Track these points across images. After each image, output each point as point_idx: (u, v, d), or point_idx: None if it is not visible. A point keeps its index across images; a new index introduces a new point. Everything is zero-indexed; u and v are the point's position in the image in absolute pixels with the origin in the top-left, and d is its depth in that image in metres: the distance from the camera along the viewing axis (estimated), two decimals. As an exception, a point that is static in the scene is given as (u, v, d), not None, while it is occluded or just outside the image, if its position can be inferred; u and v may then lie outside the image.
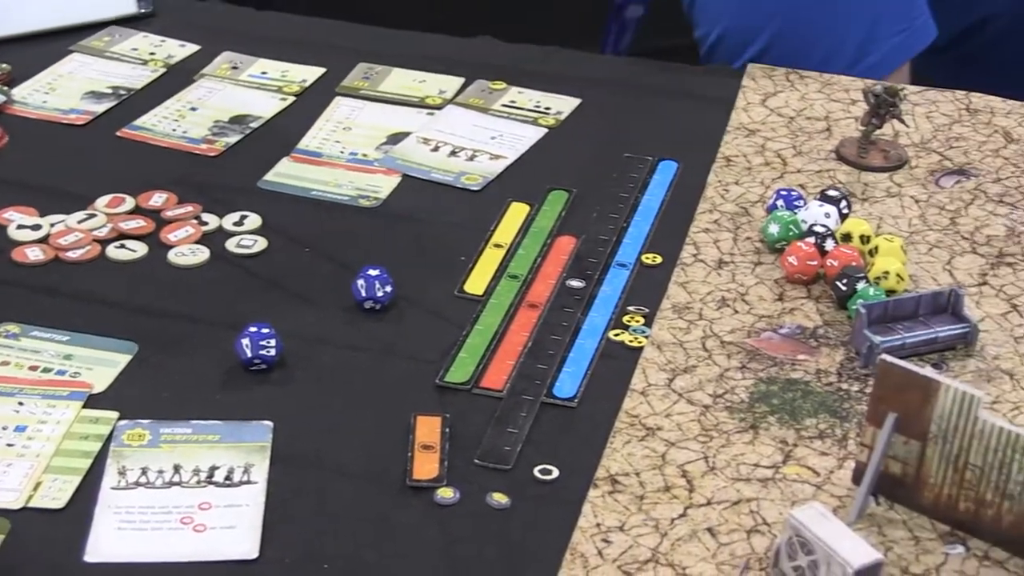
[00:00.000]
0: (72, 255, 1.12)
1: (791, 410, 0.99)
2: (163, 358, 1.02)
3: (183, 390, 1.00)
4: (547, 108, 1.35)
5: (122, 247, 1.13)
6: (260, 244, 1.14)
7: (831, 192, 1.17)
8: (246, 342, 1.01)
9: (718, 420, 0.98)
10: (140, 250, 1.13)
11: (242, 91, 1.35)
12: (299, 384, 1.01)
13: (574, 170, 1.25)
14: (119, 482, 0.92)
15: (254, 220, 1.17)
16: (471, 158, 1.27)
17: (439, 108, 1.34)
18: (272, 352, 1.01)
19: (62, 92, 1.34)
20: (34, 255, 1.12)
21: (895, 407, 0.88)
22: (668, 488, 0.92)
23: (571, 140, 1.30)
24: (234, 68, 1.39)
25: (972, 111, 1.35)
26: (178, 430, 0.96)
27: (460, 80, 1.38)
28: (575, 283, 1.11)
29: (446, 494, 0.91)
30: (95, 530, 0.88)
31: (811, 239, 1.12)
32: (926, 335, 1.04)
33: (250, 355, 1.01)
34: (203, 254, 1.13)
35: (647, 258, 1.14)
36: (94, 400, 0.98)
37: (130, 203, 1.18)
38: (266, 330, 1.01)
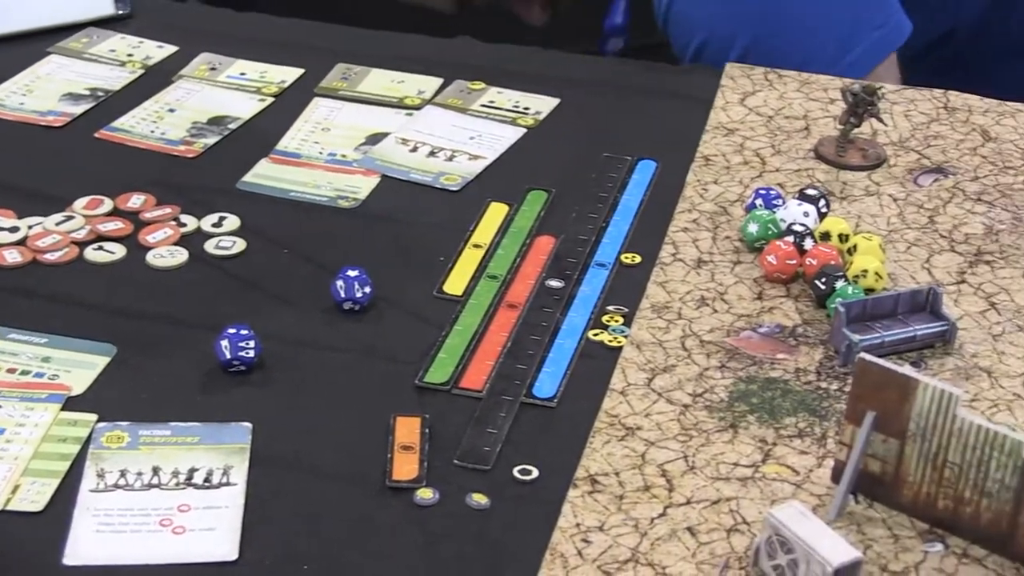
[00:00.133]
0: (50, 257, 1.12)
1: (770, 409, 0.99)
2: (142, 360, 1.02)
3: (162, 392, 0.99)
4: (526, 108, 1.35)
5: (100, 249, 1.13)
6: (239, 245, 1.14)
7: (810, 191, 1.17)
8: (225, 344, 1.01)
9: (698, 419, 0.98)
10: (118, 252, 1.13)
11: (220, 92, 1.35)
12: (278, 385, 1.01)
13: (553, 170, 1.25)
14: (98, 484, 0.91)
15: (233, 221, 1.17)
16: (450, 158, 1.26)
17: (418, 108, 1.34)
18: (251, 354, 1.01)
19: (40, 94, 1.34)
20: (12, 257, 1.11)
21: (874, 405, 0.89)
22: (648, 488, 0.92)
23: (550, 140, 1.30)
24: (212, 69, 1.39)
25: (950, 110, 1.35)
26: (157, 432, 0.96)
27: (439, 80, 1.38)
28: (554, 283, 1.11)
29: (426, 495, 0.91)
30: (74, 533, 0.88)
31: (790, 238, 1.12)
32: (905, 333, 1.04)
33: (229, 357, 1.00)
34: (182, 256, 1.13)
35: (626, 258, 1.14)
36: (72, 402, 0.98)
37: (108, 205, 1.18)
38: (245, 332, 1.01)
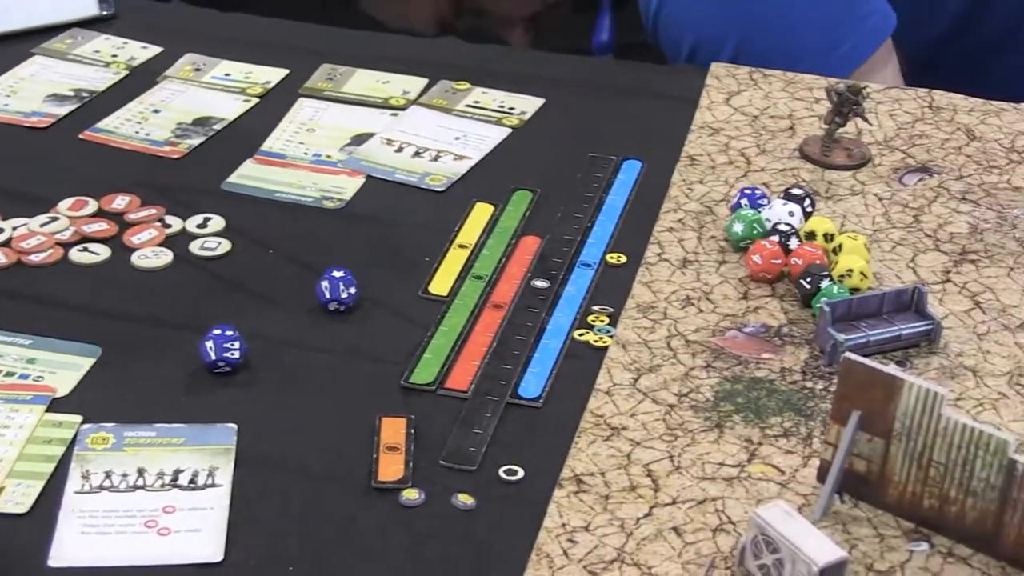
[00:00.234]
0: (34, 258, 1.11)
1: (756, 409, 0.99)
2: (127, 361, 1.02)
3: (147, 393, 0.99)
4: (511, 108, 1.34)
5: (85, 250, 1.13)
6: (224, 246, 1.14)
7: (795, 190, 1.17)
8: (210, 345, 1.00)
9: (683, 419, 0.98)
10: (103, 253, 1.13)
11: (205, 93, 1.35)
12: (263, 386, 1.01)
13: (538, 170, 1.25)
14: (83, 486, 0.91)
15: (218, 222, 1.16)
16: (435, 159, 1.26)
17: (403, 109, 1.34)
18: (236, 355, 1.01)
19: (24, 95, 1.33)
20: (-4, 259, 1.11)
21: (859, 405, 0.89)
22: (633, 488, 0.92)
23: (535, 140, 1.30)
24: (197, 70, 1.38)
25: (935, 109, 1.35)
26: (142, 433, 0.95)
27: (424, 81, 1.38)
28: (540, 283, 1.11)
29: (411, 495, 0.91)
30: (59, 535, 0.88)
31: (775, 238, 1.12)
32: (890, 333, 1.04)
33: (214, 358, 1.00)
34: (166, 257, 1.12)
35: (611, 258, 1.14)
36: (57, 404, 0.98)
37: (93, 206, 1.17)
38: (230, 333, 1.01)
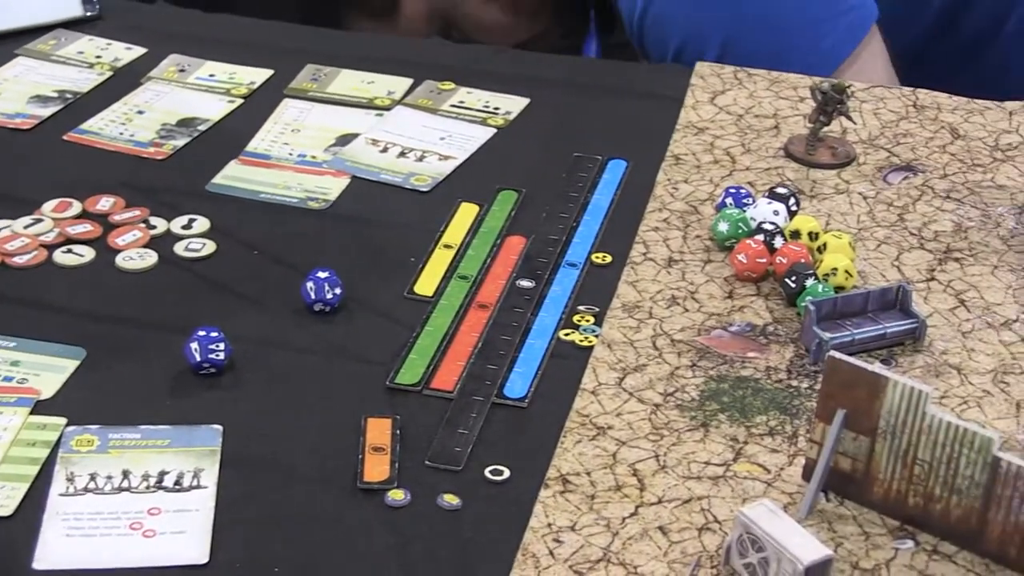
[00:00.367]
0: (18, 260, 1.11)
1: (741, 408, 0.99)
2: (111, 363, 1.02)
3: (132, 395, 0.99)
4: (496, 108, 1.34)
5: (69, 252, 1.12)
6: (209, 247, 1.14)
7: (780, 189, 1.17)
8: (195, 346, 1.00)
9: (669, 419, 0.98)
10: (87, 255, 1.12)
11: (190, 94, 1.35)
12: (249, 388, 1.00)
13: (523, 170, 1.25)
14: (67, 488, 0.91)
15: (202, 223, 1.16)
16: (420, 159, 1.26)
17: (388, 109, 1.33)
18: (221, 356, 1.00)
19: (7, 96, 1.33)
20: (-20, 261, 1.11)
21: (844, 403, 0.89)
22: (619, 487, 0.92)
23: (520, 140, 1.30)
24: (181, 71, 1.38)
25: (919, 107, 1.35)
26: (127, 435, 0.95)
27: (409, 81, 1.38)
28: (525, 283, 1.11)
29: (397, 496, 0.91)
30: (43, 537, 0.88)
31: (760, 237, 1.12)
32: (875, 331, 1.04)
33: (199, 359, 1.00)
34: (151, 258, 1.12)
35: (597, 257, 1.14)
36: (42, 406, 0.97)
37: (77, 207, 1.17)
38: (215, 334, 1.01)
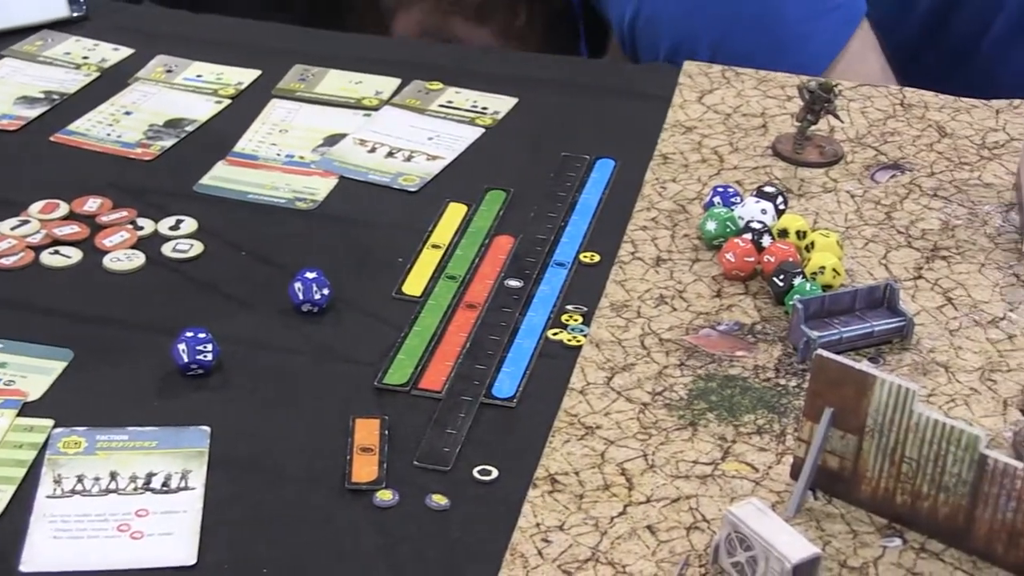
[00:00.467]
0: (5, 262, 1.11)
1: (729, 406, 0.99)
2: (99, 365, 1.02)
3: (119, 397, 0.99)
4: (484, 108, 1.34)
5: (56, 253, 1.12)
6: (196, 248, 1.13)
7: (767, 188, 1.17)
8: (182, 347, 1.00)
9: (657, 418, 0.98)
10: (75, 256, 1.12)
11: (177, 94, 1.34)
12: (237, 389, 1.00)
13: (511, 170, 1.25)
14: (55, 490, 0.91)
15: (190, 224, 1.16)
16: (408, 159, 1.26)
17: (376, 109, 1.33)
18: (209, 357, 1.00)
19: (-6, 98, 1.33)
20: (-33, 263, 1.11)
21: (832, 402, 0.89)
22: (607, 487, 0.92)
23: (508, 140, 1.30)
24: (169, 71, 1.38)
25: (906, 106, 1.35)
26: (114, 437, 0.95)
27: (397, 81, 1.38)
28: (513, 283, 1.11)
29: (385, 496, 0.91)
30: (30, 539, 0.87)
31: (748, 235, 1.12)
32: (862, 329, 1.04)
33: (187, 360, 1.00)
34: (139, 259, 1.12)
35: (585, 257, 1.14)
36: (29, 408, 0.97)
37: (64, 209, 1.17)
38: (203, 335, 1.00)
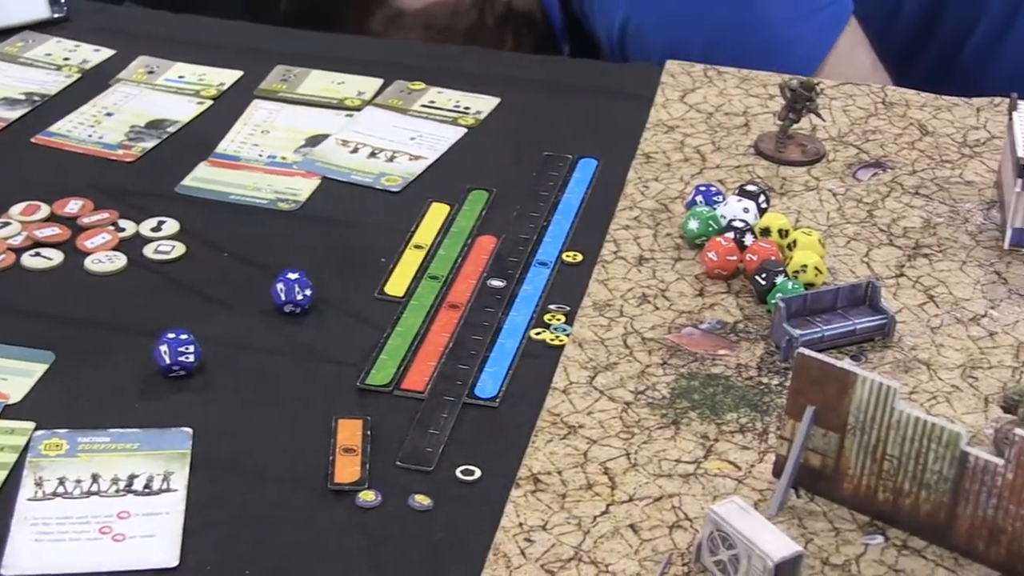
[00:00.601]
0: (-14, 264, 1.11)
1: (712, 405, 0.99)
2: (80, 367, 1.01)
3: (101, 398, 0.99)
4: (466, 108, 1.34)
5: (37, 255, 1.12)
6: (178, 249, 1.13)
7: (749, 187, 1.17)
8: (164, 349, 1.00)
9: (639, 417, 0.98)
10: (56, 258, 1.12)
11: (158, 95, 1.34)
12: (219, 390, 1.00)
13: (494, 169, 1.25)
14: (36, 493, 0.91)
15: (172, 225, 1.16)
16: (391, 159, 1.26)
17: (358, 109, 1.33)
18: (191, 358, 1.00)
19: (-25, 99, 1.33)
20: (-52, 265, 1.11)
21: (813, 400, 0.89)
22: (590, 486, 0.92)
23: (491, 139, 1.30)
24: (150, 72, 1.38)
25: (888, 104, 1.36)
26: (96, 439, 0.95)
27: (379, 81, 1.38)
28: (496, 283, 1.11)
29: (368, 497, 0.91)
30: (12, 542, 0.87)
31: (730, 234, 1.12)
32: (844, 327, 1.04)
33: (169, 362, 1.00)
34: (120, 261, 1.12)
35: (568, 256, 1.14)
36: (10, 411, 0.97)
37: (45, 210, 1.17)
38: (184, 336, 1.00)
